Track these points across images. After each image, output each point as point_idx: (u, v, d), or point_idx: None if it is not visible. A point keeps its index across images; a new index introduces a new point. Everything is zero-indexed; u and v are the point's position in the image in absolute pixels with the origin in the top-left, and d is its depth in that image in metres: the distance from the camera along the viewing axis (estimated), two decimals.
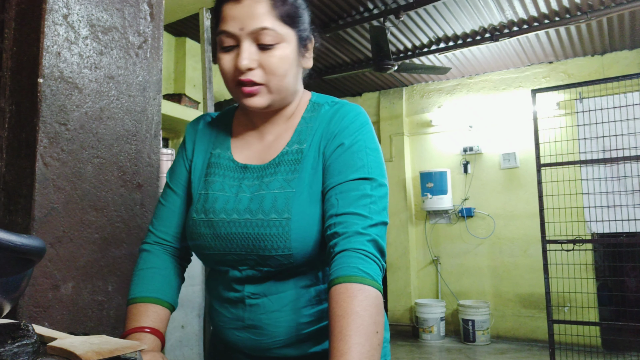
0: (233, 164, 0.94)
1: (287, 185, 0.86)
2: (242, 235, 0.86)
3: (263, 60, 0.85)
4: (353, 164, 0.85)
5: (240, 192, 0.89)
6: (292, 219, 0.83)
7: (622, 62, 4.97)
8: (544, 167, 3.67)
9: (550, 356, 3.50)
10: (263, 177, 0.90)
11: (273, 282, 0.88)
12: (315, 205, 0.85)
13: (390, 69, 4.28)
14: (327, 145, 0.88)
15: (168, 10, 3.73)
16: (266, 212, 0.85)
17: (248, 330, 0.89)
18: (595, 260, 4.85)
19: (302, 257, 0.84)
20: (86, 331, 1.21)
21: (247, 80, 0.85)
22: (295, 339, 0.88)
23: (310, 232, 0.84)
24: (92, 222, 1.26)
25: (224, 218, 0.88)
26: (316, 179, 0.87)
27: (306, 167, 0.88)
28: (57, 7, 1.20)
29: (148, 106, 1.43)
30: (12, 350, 0.56)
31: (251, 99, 0.87)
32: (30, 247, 0.62)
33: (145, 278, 0.94)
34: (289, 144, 0.91)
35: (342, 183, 0.84)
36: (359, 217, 0.80)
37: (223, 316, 0.93)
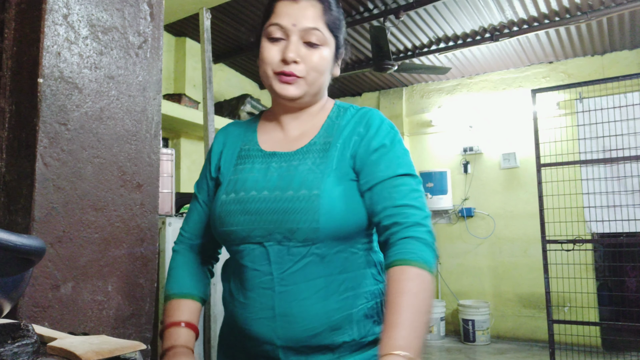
0: (261, 152, 1.01)
1: (316, 168, 0.94)
2: (272, 209, 0.91)
3: (307, 56, 0.95)
4: (397, 162, 0.94)
5: (269, 173, 0.96)
6: (321, 195, 0.89)
7: (622, 62, 4.97)
8: (544, 167, 3.67)
9: (550, 356, 3.50)
10: (291, 161, 0.96)
11: (302, 270, 0.90)
12: (341, 189, 0.92)
13: (390, 69, 4.28)
14: (363, 142, 0.96)
15: (168, 10, 3.73)
16: (296, 188, 0.91)
17: (279, 319, 0.90)
18: (595, 260, 4.85)
19: (328, 234, 0.89)
20: (86, 331, 1.21)
21: (290, 72, 0.94)
22: (327, 326, 0.90)
23: (337, 211, 0.89)
24: (92, 222, 1.26)
25: (254, 194, 0.94)
26: (342, 167, 0.94)
27: (333, 155, 0.95)
28: (57, 7, 1.20)
29: (148, 106, 1.43)
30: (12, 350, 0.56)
31: (287, 87, 0.96)
32: (30, 247, 0.62)
33: (176, 276, 1.05)
34: (317, 137, 0.99)
35: (392, 177, 0.92)
36: (415, 209, 0.89)
37: (250, 307, 0.93)
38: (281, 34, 0.95)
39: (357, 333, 0.92)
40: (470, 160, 5.64)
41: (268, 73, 0.98)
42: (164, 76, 4.52)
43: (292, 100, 0.98)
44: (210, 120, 2.67)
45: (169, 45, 4.75)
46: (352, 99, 6.47)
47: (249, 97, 4.84)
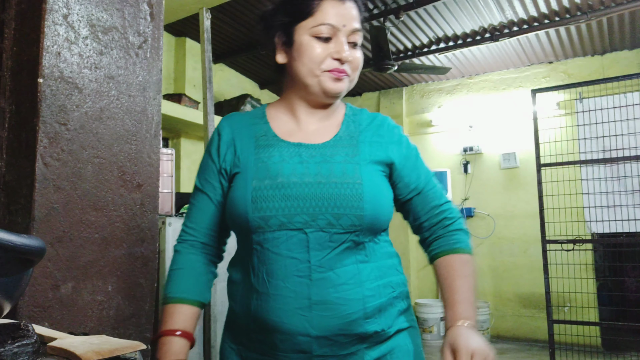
0: (283, 142, 1.01)
1: (351, 159, 0.97)
2: (316, 195, 0.92)
3: (352, 55, 0.99)
4: (424, 166, 1.07)
5: (304, 162, 0.97)
6: (364, 184, 0.93)
7: (622, 62, 4.97)
8: (544, 167, 3.67)
9: (550, 356, 3.50)
10: (323, 152, 0.98)
11: (338, 255, 0.92)
12: (378, 181, 0.97)
13: (390, 69, 4.28)
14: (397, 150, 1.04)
15: (168, 10, 3.73)
16: (338, 176, 0.94)
17: (314, 308, 0.89)
18: (595, 260, 4.85)
19: (371, 221, 0.93)
20: (86, 331, 1.21)
21: (343, 70, 0.97)
22: (362, 313, 0.91)
23: (379, 199, 0.95)
24: (92, 222, 1.26)
25: (295, 180, 0.94)
26: (374, 162, 0.99)
27: (364, 150, 0.99)
28: (57, 7, 1.20)
29: (148, 106, 1.43)
30: (12, 350, 0.56)
31: (338, 83, 0.98)
32: (30, 247, 0.62)
33: (176, 279, 1.02)
34: (340, 132, 1.02)
35: (430, 181, 1.05)
36: (452, 204, 1.05)
37: (282, 298, 0.90)
38: (330, 33, 0.96)
39: (385, 323, 0.95)
40: (470, 160, 5.63)
41: (315, 71, 0.97)
42: (164, 76, 4.52)
43: (335, 97, 1.01)
44: (210, 120, 2.67)
45: (169, 45, 4.75)
46: (352, 98, 6.47)
47: (249, 97, 4.84)
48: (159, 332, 0.96)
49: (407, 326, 1.02)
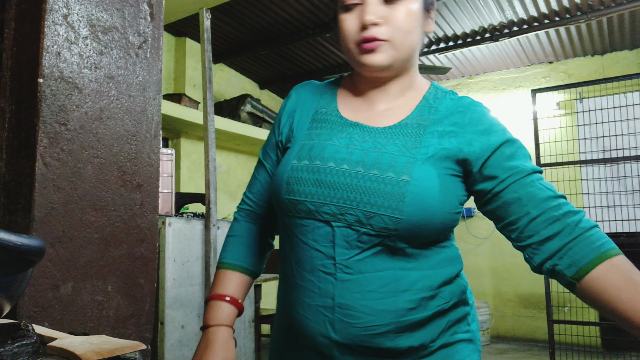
0: (341, 119, 0.89)
1: (408, 151, 0.81)
2: (350, 186, 0.80)
3: (389, 15, 0.82)
4: (529, 158, 0.85)
5: (352, 146, 0.84)
6: (411, 183, 0.78)
7: (622, 62, 4.97)
8: (544, 167, 3.67)
9: (550, 356, 3.50)
10: (378, 138, 0.84)
11: (370, 258, 0.79)
12: (435, 181, 0.80)
13: None
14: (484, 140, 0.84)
15: (168, 10, 3.73)
16: (383, 169, 0.80)
17: (337, 311, 0.79)
18: None
19: (410, 228, 0.77)
20: (86, 331, 1.21)
21: (371, 37, 0.81)
22: (394, 326, 0.79)
23: (429, 203, 0.78)
24: (92, 222, 1.26)
25: (332, 166, 0.82)
26: (440, 158, 0.82)
27: (429, 142, 0.83)
28: (57, 7, 1.20)
29: (148, 106, 1.43)
30: (12, 350, 0.56)
31: (372, 55, 0.83)
32: (30, 247, 0.62)
33: (231, 246, 1.00)
34: (410, 118, 0.86)
35: (534, 172, 0.82)
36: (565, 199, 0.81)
37: (307, 291, 0.83)
38: (356, 1, 0.83)
39: (426, 336, 0.81)
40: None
41: (350, 47, 0.85)
42: (164, 76, 4.52)
43: (380, 70, 0.85)
44: (210, 120, 2.67)
45: (169, 45, 4.75)
46: None
47: (249, 97, 4.84)
48: (209, 296, 0.94)
49: (458, 340, 0.85)
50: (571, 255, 0.75)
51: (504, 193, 0.81)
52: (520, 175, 0.80)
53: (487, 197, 0.83)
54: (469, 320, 0.88)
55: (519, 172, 0.81)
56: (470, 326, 0.88)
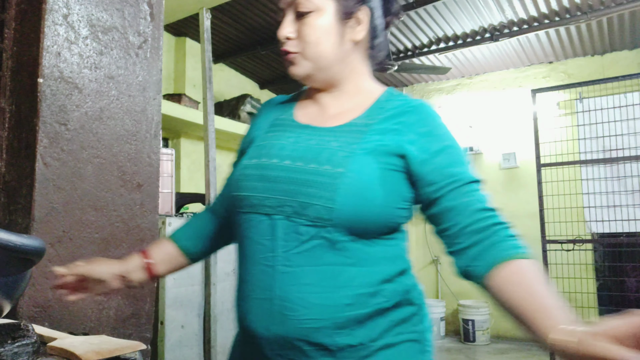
0: (294, 123, 0.96)
1: (348, 146, 0.85)
2: (289, 179, 0.84)
3: (299, 29, 0.91)
4: (466, 166, 0.90)
5: (297, 144, 0.89)
6: (346, 174, 0.81)
7: (622, 62, 4.97)
8: (544, 167, 3.67)
9: (550, 356, 3.50)
10: (323, 136, 0.89)
11: (309, 252, 0.81)
12: (373, 175, 0.82)
13: (390, 69, 4.28)
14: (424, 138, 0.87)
15: (168, 10, 3.73)
16: (321, 162, 0.84)
17: (276, 303, 0.80)
18: (595, 260, 4.85)
19: (344, 218, 0.80)
20: (86, 331, 1.21)
21: (284, 50, 0.92)
22: (331, 322, 0.79)
23: (360, 196, 0.80)
24: (92, 222, 1.26)
25: (275, 161, 0.87)
26: (382, 153, 0.85)
27: (371, 138, 0.86)
28: (57, 7, 1.20)
29: (148, 106, 1.43)
30: (12, 350, 0.56)
31: (291, 67, 0.93)
32: (30, 247, 0.62)
33: (181, 227, 1.08)
34: (359, 118, 0.91)
35: (472, 182, 0.87)
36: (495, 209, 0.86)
37: (250, 284, 0.85)
38: (283, 16, 0.93)
39: (366, 335, 0.81)
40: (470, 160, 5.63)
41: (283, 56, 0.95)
42: (164, 76, 4.51)
43: (303, 78, 0.94)
44: (210, 120, 2.67)
45: (169, 45, 4.75)
46: None
47: (249, 97, 4.84)
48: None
49: (403, 340, 0.85)
50: (483, 257, 0.82)
51: (441, 200, 0.85)
52: (458, 184, 0.85)
53: (426, 202, 0.87)
54: (415, 321, 0.89)
55: (457, 180, 0.85)
56: (416, 327, 0.89)
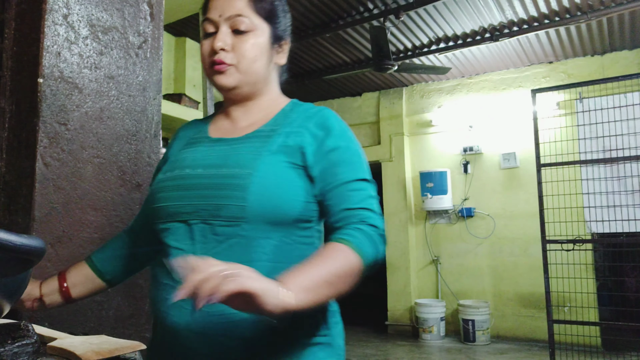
0: (208, 138, 1.02)
1: (255, 150, 0.93)
2: (202, 185, 0.90)
3: (236, 44, 0.96)
4: (356, 166, 0.94)
5: (210, 154, 0.96)
6: (254, 174, 0.87)
7: (622, 62, 4.97)
8: (544, 167, 3.67)
9: (550, 356, 3.50)
10: (233, 145, 0.96)
11: (226, 251, 0.86)
12: (278, 173, 0.89)
13: (390, 69, 4.28)
14: (317, 141, 0.94)
15: (168, 10, 3.73)
16: (231, 166, 0.90)
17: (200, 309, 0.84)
18: (595, 260, 4.85)
19: (257, 214, 0.85)
20: (86, 331, 1.21)
21: (219, 60, 0.96)
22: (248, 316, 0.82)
23: (269, 193, 0.87)
24: (92, 222, 1.26)
25: (188, 172, 0.94)
26: (285, 153, 0.92)
27: (276, 141, 0.94)
28: (57, 7, 1.20)
29: (148, 106, 1.43)
30: (12, 350, 0.56)
31: (220, 76, 0.97)
32: (30, 247, 0.62)
33: (99, 249, 1.10)
34: (265, 126, 0.98)
35: (352, 181, 0.91)
36: (372, 212, 0.89)
37: (170, 288, 0.88)
38: (212, 28, 0.98)
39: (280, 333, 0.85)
40: (470, 160, 5.63)
41: (205, 66, 0.99)
42: (164, 76, 4.51)
43: (227, 90, 0.99)
44: None
45: (169, 45, 4.75)
46: (352, 99, 6.47)
47: None
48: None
49: (315, 342, 0.89)
50: (333, 235, 0.87)
51: (324, 199, 0.92)
52: (336, 184, 0.91)
53: (318, 198, 0.93)
54: (332, 325, 0.93)
55: (337, 179, 0.91)
56: (332, 331, 0.93)
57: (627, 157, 3.53)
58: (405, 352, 4.95)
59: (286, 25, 1.05)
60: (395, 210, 5.95)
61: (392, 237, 5.93)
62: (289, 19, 1.07)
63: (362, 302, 7.63)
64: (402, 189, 5.95)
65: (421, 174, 5.71)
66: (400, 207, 5.94)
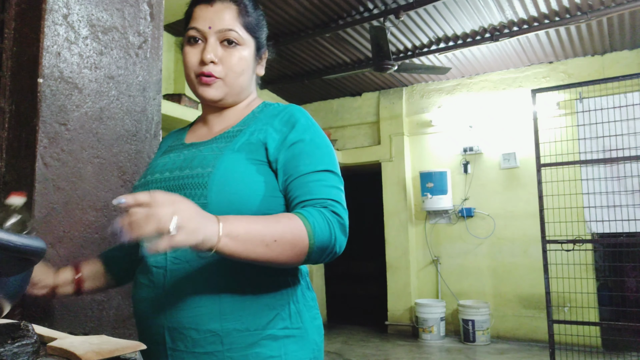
0: (183, 144, 1.05)
1: (218, 149, 0.95)
2: (168, 187, 0.93)
3: (224, 57, 0.98)
4: (318, 157, 0.93)
5: (178, 158, 0.99)
6: (214, 172, 0.90)
7: (622, 62, 4.97)
8: (544, 167, 3.67)
9: (550, 356, 3.50)
10: (200, 147, 0.99)
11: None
12: (240, 169, 0.91)
13: (390, 69, 4.28)
14: (281, 135, 0.95)
15: (168, 10, 3.72)
16: (194, 166, 0.93)
17: (168, 298, 0.89)
18: (595, 260, 4.85)
19: (218, 210, 0.85)
20: (86, 331, 1.21)
21: (208, 72, 0.97)
22: (217, 308, 0.87)
23: (228, 188, 0.89)
24: (92, 222, 1.26)
25: (157, 176, 0.98)
26: (248, 150, 0.93)
27: (241, 140, 0.95)
28: (57, 7, 1.20)
29: (148, 106, 1.43)
30: (12, 350, 0.56)
31: (207, 89, 0.98)
32: (30, 247, 0.62)
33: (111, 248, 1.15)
34: (233, 127, 1.01)
35: (313, 172, 0.91)
36: (335, 202, 0.89)
37: (145, 287, 0.93)
38: (199, 37, 0.98)
39: (250, 323, 0.88)
40: (470, 160, 5.63)
41: (191, 77, 1.00)
42: (164, 76, 4.52)
43: (213, 102, 1.01)
44: None
45: (169, 45, 4.75)
46: (352, 99, 6.47)
47: None
48: None
49: (283, 335, 0.90)
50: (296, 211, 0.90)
51: (287, 189, 0.93)
52: (296, 176, 0.92)
53: (283, 192, 0.94)
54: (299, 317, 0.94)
55: (296, 172, 0.92)
56: (303, 324, 0.94)
57: (627, 157, 3.53)
58: (405, 352, 4.95)
59: (265, 37, 1.07)
60: (395, 210, 5.95)
61: (392, 237, 5.93)
62: (266, 29, 1.10)
63: (362, 302, 7.64)
64: (402, 189, 5.95)
65: (421, 174, 5.71)
66: (400, 207, 5.94)
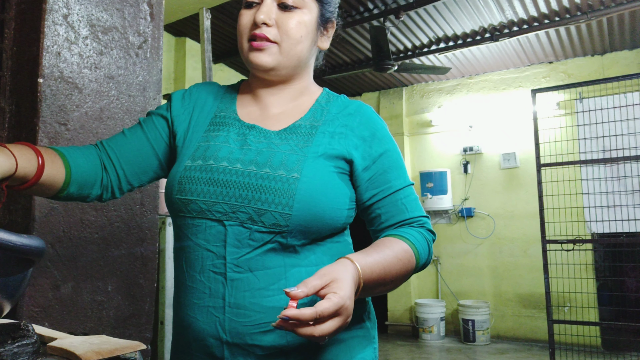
0: (239, 122, 0.91)
1: (299, 150, 0.85)
2: (243, 184, 0.81)
3: (281, 20, 0.86)
4: (403, 170, 0.91)
5: (246, 146, 0.86)
6: (301, 180, 0.80)
7: (622, 62, 4.97)
8: (544, 167, 3.67)
9: (550, 356, 3.50)
10: (272, 139, 0.87)
11: (260, 256, 0.80)
12: (324, 178, 0.83)
13: (390, 69, 4.28)
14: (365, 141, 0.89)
15: (168, 10, 3.73)
16: (274, 167, 0.82)
17: (228, 311, 0.79)
18: (595, 260, 4.85)
19: (301, 224, 0.80)
20: (86, 331, 1.21)
21: (261, 34, 0.85)
22: None
23: (316, 201, 0.80)
24: (92, 222, 1.26)
25: (225, 165, 0.84)
26: (330, 156, 0.86)
27: (320, 141, 0.86)
28: (57, 7, 1.20)
29: (148, 106, 1.43)
30: (12, 350, 0.56)
31: (259, 54, 0.87)
32: (30, 247, 0.62)
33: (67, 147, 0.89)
34: (303, 119, 0.90)
35: (403, 188, 0.89)
36: (426, 219, 0.90)
37: (198, 292, 0.83)
38: (256, 0, 0.88)
39: None
40: (470, 160, 5.63)
41: (243, 43, 0.89)
42: (164, 76, 4.52)
43: (265, 70, 0.88)
44: None
45: (169, 45, 4.75)
46: (352, 99, 6.47)
47: None
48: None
49: (352, 336, 0.86)
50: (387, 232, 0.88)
51: (374, 206, 0.89)
52: (388, 192, 0.88)
53: (362, 206, 0.90)
54: (364, 317, 0.90)
55: (388, 188, 0.88)
56: (364, 322, 0.90)
57: (627, 157, 3.53)
58: (405, 352, 4.95)
59: (335, 6, 0.95)
60: None
61: None
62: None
63: None
64: None
65: (421, 174, 5.71)
66: None
